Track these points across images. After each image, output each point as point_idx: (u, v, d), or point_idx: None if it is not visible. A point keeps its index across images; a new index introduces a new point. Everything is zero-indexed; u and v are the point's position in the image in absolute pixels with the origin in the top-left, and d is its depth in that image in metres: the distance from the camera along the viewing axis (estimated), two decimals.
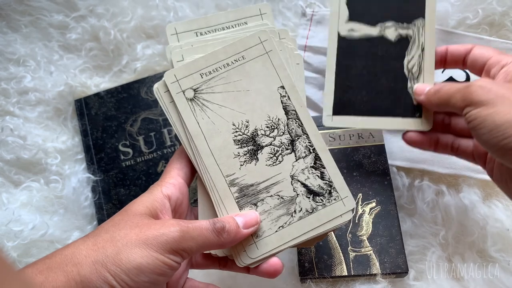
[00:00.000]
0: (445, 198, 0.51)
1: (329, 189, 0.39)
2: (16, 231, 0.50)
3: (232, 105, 0.39)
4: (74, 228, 0.53)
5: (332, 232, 0.44)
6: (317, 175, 0.39)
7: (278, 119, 0.39)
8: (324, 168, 0.39)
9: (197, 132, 0.39)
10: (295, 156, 0.39)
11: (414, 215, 0.52)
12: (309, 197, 0.39)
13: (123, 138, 0.57)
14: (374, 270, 0.47)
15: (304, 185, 0.39)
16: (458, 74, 0.55)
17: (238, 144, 0.39)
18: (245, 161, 0.39)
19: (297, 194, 0.39)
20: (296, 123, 0.40)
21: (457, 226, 0.50)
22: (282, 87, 0.40)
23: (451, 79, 0.55)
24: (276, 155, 0.39)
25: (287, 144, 0.39)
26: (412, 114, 0.46)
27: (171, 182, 0.38)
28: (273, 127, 0.39)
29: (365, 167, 0.52)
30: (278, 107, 0.39)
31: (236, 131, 0.39)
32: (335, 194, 0.39)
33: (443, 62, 0.45)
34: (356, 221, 0.49)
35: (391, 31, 0.46)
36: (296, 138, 0.39)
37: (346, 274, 0.47)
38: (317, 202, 0.39)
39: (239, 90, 0.39)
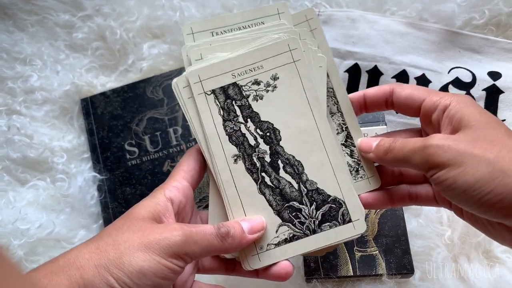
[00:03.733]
0: None
1: (357, 167, 0.40)
2: (23, 229, 0.50)
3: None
4: (80, 227, 0.54)
5: None
6: (347, 153, 0.40)
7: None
8: (354, 146, 0.40)
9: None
10: None
11: (419, 215, 0.51)
12: None
13: (129, 137, 0.57)
14: (379, 270, 0.47)
15: None
16: (463, 74, 0.55)
17: None
18: None
19: None
20: (332, 100, 0.40)
21: (462, 227, 0.50)
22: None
23: (457, 80, 0.55)
24: None
25: None
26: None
27: (175, 185, 0.37)
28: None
29: None
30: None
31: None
32: (362, 173, 0.40)
33: (362, 108, 0.41)
34: None
35: None
36: (331, 116, 0.40)
37: (352, 274, 0.47)
38: None
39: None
